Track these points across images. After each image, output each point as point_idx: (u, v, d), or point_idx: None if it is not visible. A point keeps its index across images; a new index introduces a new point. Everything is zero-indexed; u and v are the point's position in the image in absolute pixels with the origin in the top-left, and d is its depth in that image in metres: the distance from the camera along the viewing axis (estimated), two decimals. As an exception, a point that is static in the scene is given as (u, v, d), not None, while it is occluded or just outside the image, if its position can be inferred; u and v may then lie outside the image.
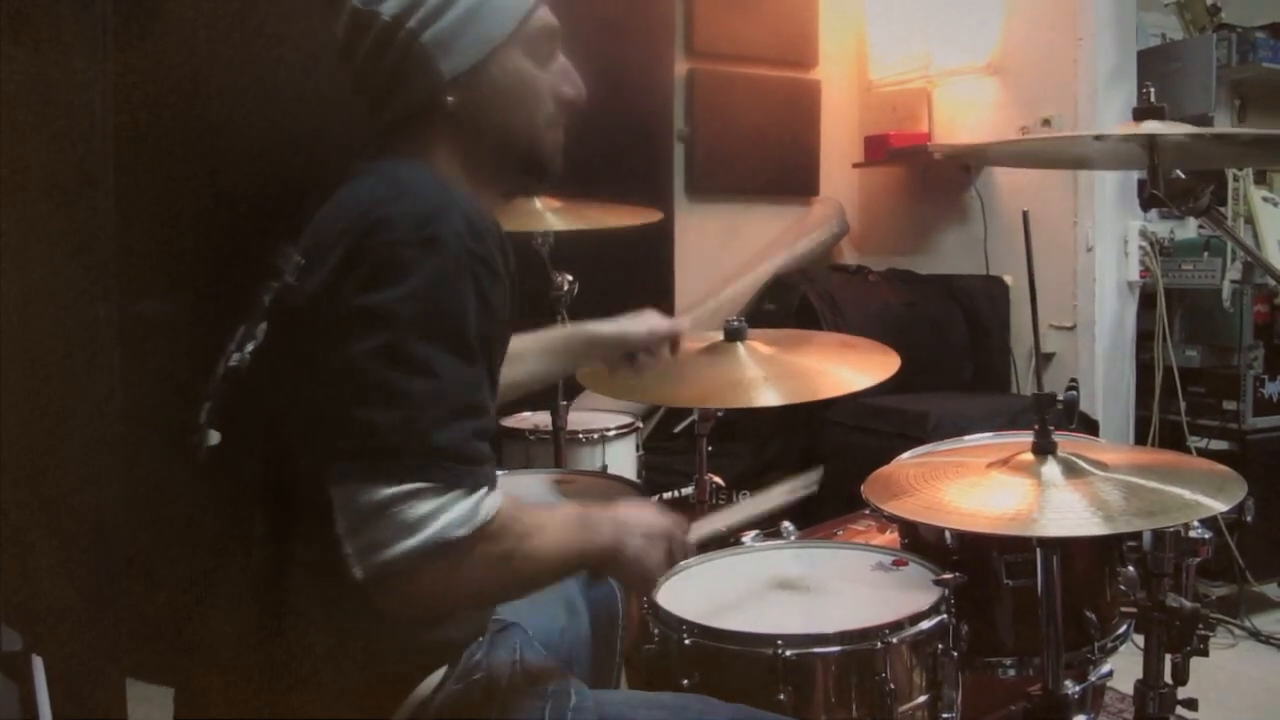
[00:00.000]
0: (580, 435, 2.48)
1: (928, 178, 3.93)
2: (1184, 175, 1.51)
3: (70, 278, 1.93)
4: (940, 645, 1.40)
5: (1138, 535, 1.55)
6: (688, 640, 1.36)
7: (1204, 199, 1.49)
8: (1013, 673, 1.55)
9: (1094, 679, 1.55)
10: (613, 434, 2.53)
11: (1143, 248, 3.33)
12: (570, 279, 2.14)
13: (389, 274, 1.04)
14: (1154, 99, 1.54)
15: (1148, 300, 3.34)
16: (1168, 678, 1.56)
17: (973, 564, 1.52)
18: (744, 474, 3.24)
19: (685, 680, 1.35)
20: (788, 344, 1.87)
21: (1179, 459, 1.60)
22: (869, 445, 2.93)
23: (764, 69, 3.98)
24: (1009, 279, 3.59)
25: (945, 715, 1.40)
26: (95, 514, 1.93)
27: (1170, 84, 3.49)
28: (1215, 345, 3.30)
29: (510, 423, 2.57)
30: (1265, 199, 3.29)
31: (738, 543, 1.72)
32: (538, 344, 1.62)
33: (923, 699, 1.39)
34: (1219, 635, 2.97)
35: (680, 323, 1.70)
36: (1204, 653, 1.53)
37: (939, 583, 1.46)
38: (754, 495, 1.51)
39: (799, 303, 3.53)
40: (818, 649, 1.33)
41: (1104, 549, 1.59)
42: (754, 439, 3.37)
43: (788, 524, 1.77)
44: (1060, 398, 1.43)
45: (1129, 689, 1.60)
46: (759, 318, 3.59)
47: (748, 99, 3.94)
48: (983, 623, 1.54)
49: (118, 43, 2.06)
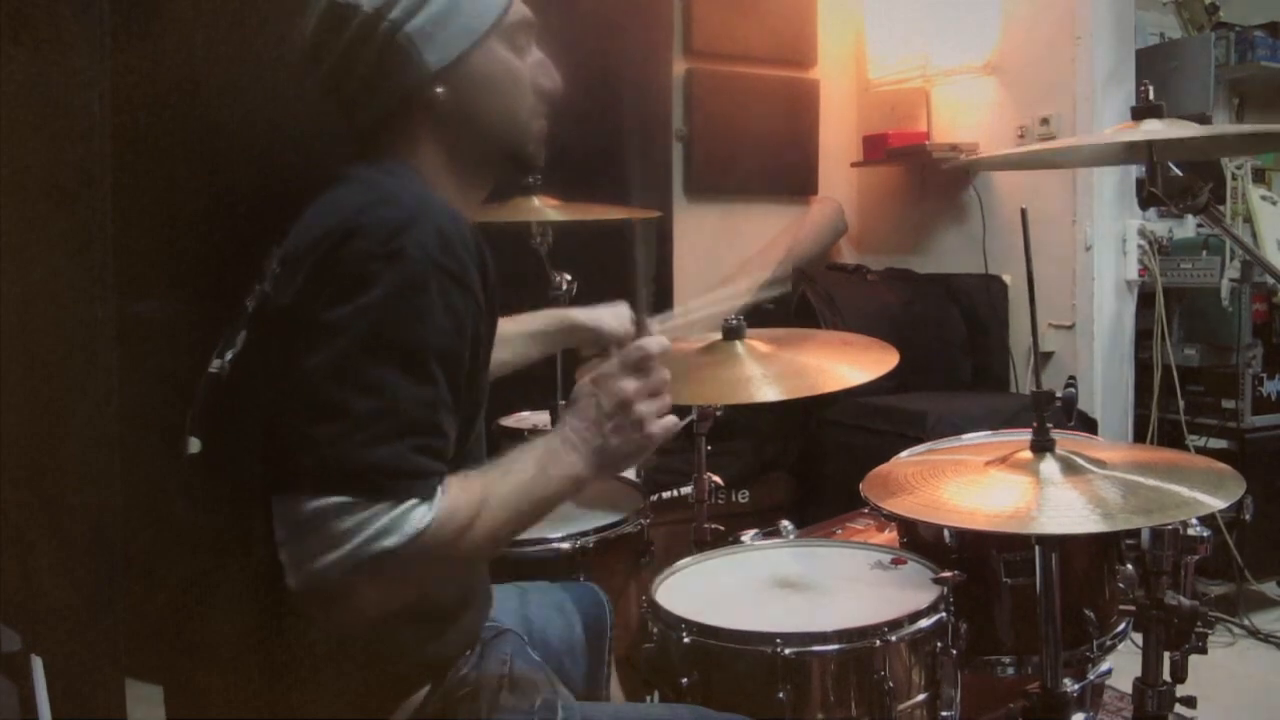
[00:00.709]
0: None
1: (926, 177, 3.93)
2: (1182, 173, 1.51)
3: (69, 278, 1.93)
4: (939, 643, 1.41)
5: (1136, 533, 1.55)
6: (687, 639, 1.37)
7: (1202, 197, 1.49)
8: (1011, 671, 1.56)
9: (1093, 677, 1.55)
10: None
11: (1141, 246, 3.33)
12: (569, 278, 2.14)
13: (351, 287, 1.03)
14: (1152, 97, 1.55)
15: (1146, 299, 3.34)
16: (1166, 676, 1.56)
17: (972, 562, 1.53)
18: (743, 473, 3.24)
19: (684, 679, 1.36)
20: (787, 342, 1.87)
21: (1177, 457, 1.60)
22: (868, 444, 2.93)
23: (763, 68, 3.98)
24: (1008, 278, 3.59)
25: (944, 713, 1.40)
26: (95, 514, 1.93)
27: (1169, 83, 3.49)
28: (1214, 344, 3.30)
29: (509, 422, 2.57)
30: (1264, 198, 3.29)
31: (737, 542, 1.72)
32: (520, 327, 1.64)
33: (921, 697, 1.39)
34: (1218, 633, 2.97)
35: (653, 324, 1.70)
36: (1203, 651, 1.53)
37: (938, 581, 1.46)
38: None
39: (797, 302, 3.54)
40: (817, 647, 1.34)
41: (1103, 547, 1.59)
42: (753, 438, 3.37)
43: (787, 523, 1.77)
44: (1059, 396, 1.44)
45: (1128, 687, 1.60)
46: (757, 317, 3.59)
47: (746, 98, 3.94)
48: (982, 621, 1.54)
49: (118, 43, 2.06)
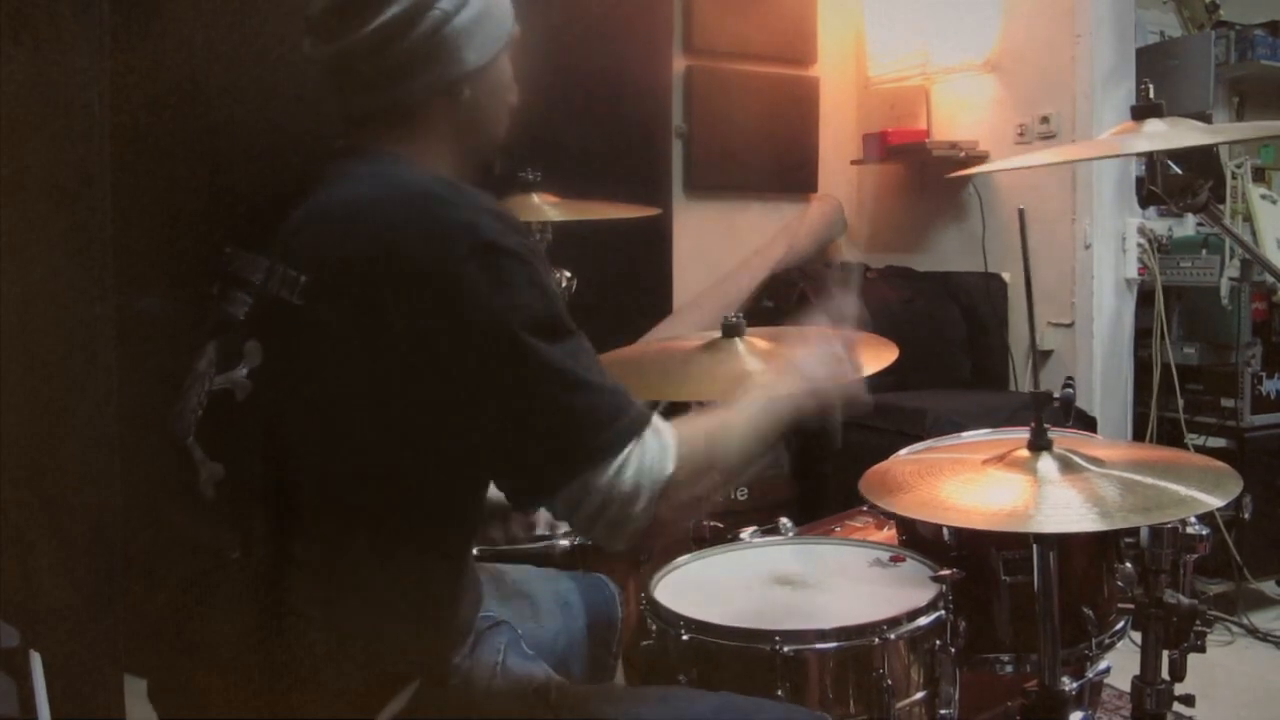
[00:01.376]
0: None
1: (926, 175, 3.93)
2: (1181, 171, 1.51)
3: (69, 277, 1.93)
4: (938, 641, 1.41)
5: (1135, 532, 1.55)
6: (685, 636, 1.37)
7: (1202, 196, 1.49)
8: (1010, 669, 1.55)
9: (1091, 675, 1.56)
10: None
11: (1141, 245, 3.33)
12: (569, 275, 2.14)
13: (486, 286, 1.02)
14: (1153, 96, 1.54)
15: (1146, 298, 3.34)
16: (1165, 674, 1.56)
17: (971, 560, 1.53)
18: (742, 471, 3.24)
19: (683, 676, 1.36)
20: (787, 339, 1.87)
21: (1176, 455, 1.60)
22: (867, 442, 2.91)
23: (762, 66, 3.98)
24: (1007, 276, 3.59)
25: (943, 711, 1.40)
26: (95, 514, 1.93)
27: (1169, 81, 3.49)
28: (1213, 343, 3.30)
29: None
30: (1263, 196, 3.29)
31: (735, 539, 1.72)
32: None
33: (920, 695, 1.39)
34: (1216, 632, 2.97)
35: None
36: (1201, 649, 1.53)
37: (937, 579, 1.46)
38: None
39: (797, 300, 3.53)
40: (815, 645, 1.34)
41: (1102, 546, 1.59)
42: (752, 436, 3.37)
43: (786, 520, 1.77)
44: (1056, 395, 1.44)
45: (1126, 685, 1.60)
46: (758, 315, 3.59)
47: (746, 96, 3.94)
48: (981, 619, 1.54)
49: (118, 43, 2.06)
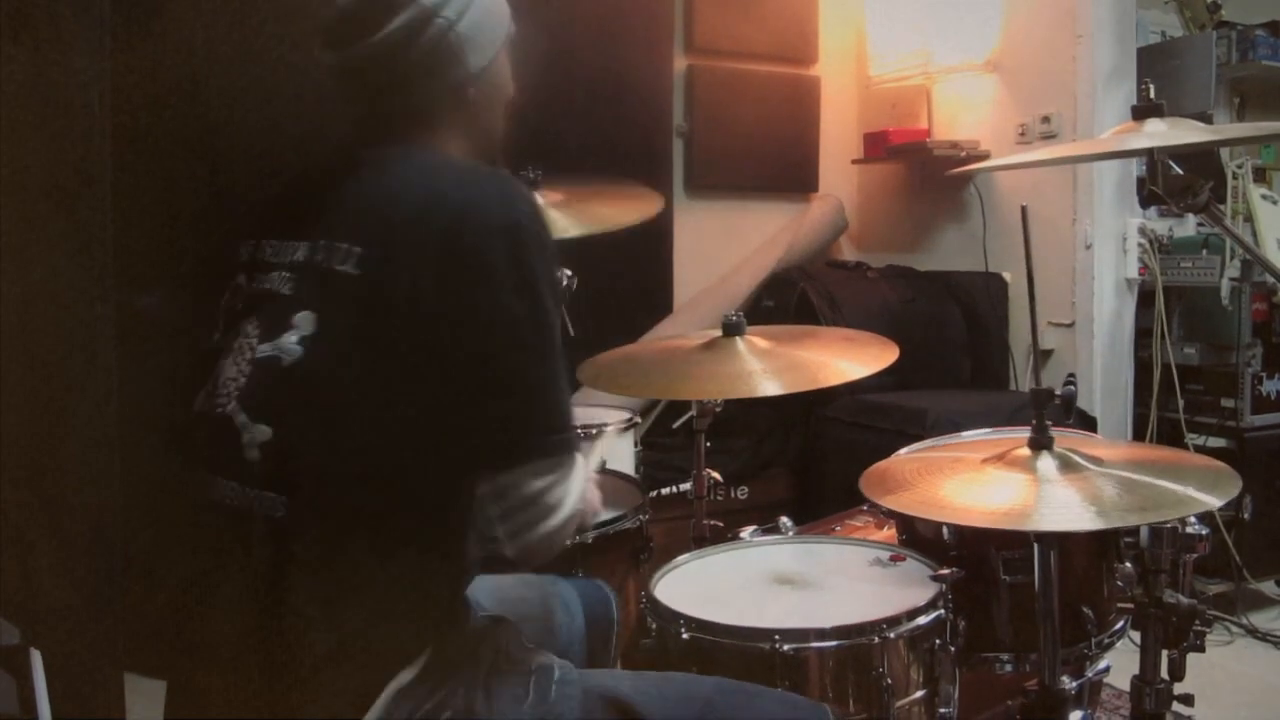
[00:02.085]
0: (579, 430, 2.48)
1: (927, 174, 3.93)
2: (1182, 171, 1.51)
3: (69, 278, 1.93)
4: (937, 640, 1.41)
5: (1135, 531, 1.55)
6: (685, 634, 1.37)
7: (1203, 196, 1.49)
8: (1010, 668, 1.56)
9: (1091, 675, 1.56)
10: (611, 429, 2.53)
11: (1141, 245, 3.33)
12: (569, 274, 2.14)
13: (495, 272, 1.09)
14: (1153, 96, 1.54)
15: (1146, 298, 3.34)
16: (1164, 674, 1.55)
17: (970, 560, 1.53)
18: (742, 470, 3.25)
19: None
20: (787, 339, 1.88)
21: (1175, 455, 1.60)
22: (867, 442, 2.93)
23: (764, 65, 3.98)
24: (1008, 276, 3.59)
25: (942, 710, 1.40)
26: (95, 514, 1.93)
27: (1170, 82, 3.49)
28: (1214, 343, 3.30)
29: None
30: (1264, 197, 3.29)
31: (736, 538, 1.72)
32: None
33: (920, 694, 1.39)
34: (1216, 632, 2.97)
35: None
36: (1201, 649, 1.53)
37: (936, 578, 1.46)
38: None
39: (798, 299, 3.54)
40: (815, 644, 1.34)
41: (1101, 545, 1.59)
42: (752, 435, 3.38)
43: (786, 520, 1.77)
44: (1058, 393, 1.44)
45: (1126, 685, 1.60)
46: (758, 314, 3.59)
47: (747, 95, 3.94)
48: (980, 618, 1.54)
49: (118, 43, 2.06)
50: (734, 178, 3.97)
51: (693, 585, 1.54)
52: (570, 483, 1.14)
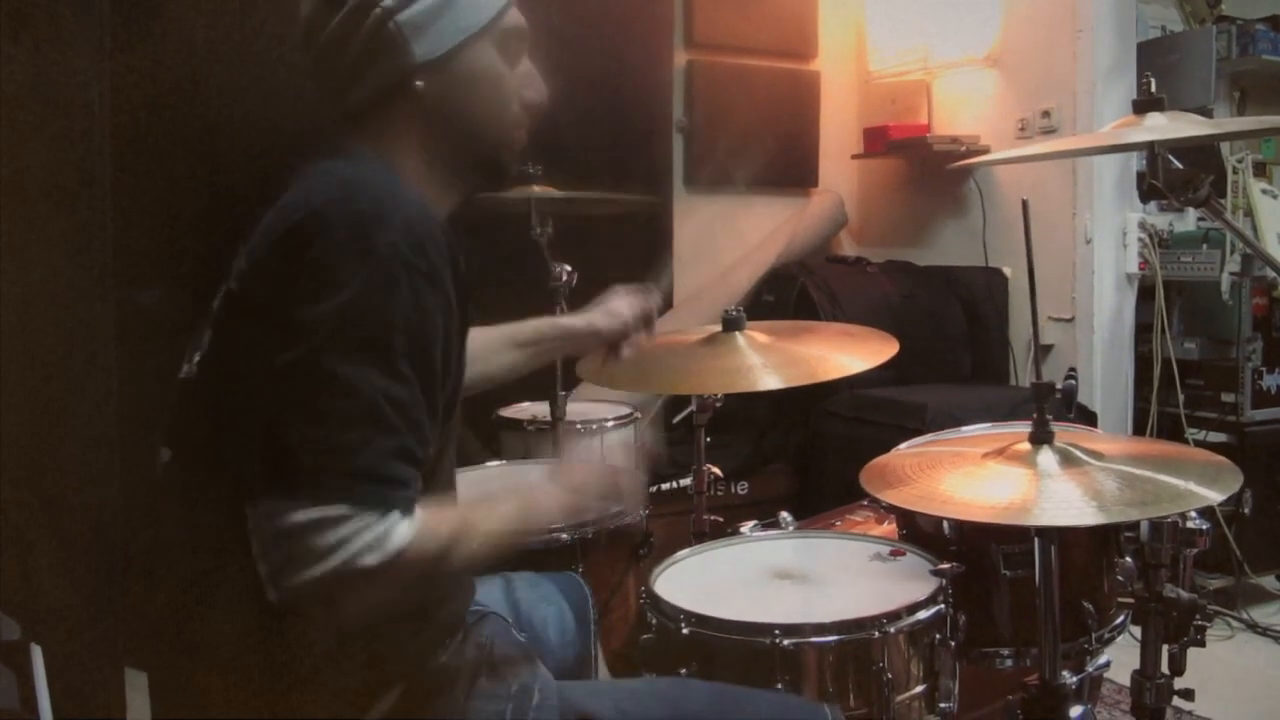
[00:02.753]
0: (579, 425, 2.49)
1: (927, 169, 3.92)
2: (1182, 166, 1.51)
3: (69, 277, 1.93)
4: (938, 635, 1.41)
5: (1136, 526, 1.55)
6: (685, 630, 1.37)
7: (1203, 190, 1.48)
8: (1010, 663, 1.56)
9: (1091, 670, 1.56)
10: (611, 424, 2.53)
11: (1141, 240, 3.33)
12: (569, 269, 2.14)
13: (322, 285, 1.01)
14: (1154, 90, 1.54)
15: (1146, 292, 3.34)
16: (1165, 668, 1.55)
17: (971, 554, 1.53)
18: (742, 465, 3.25)
19: (683, 669, 1.36)
20: (786, 333, 1.88)
21: (1175, 449, 1.60)
22: (867, 437, 2.93)
23: (763, 60, 3.98)
24: (1008, 271, 3.59)
25: (943, 705, 1.41)
26: (95, 514, 1.93)
27: (1170, 76, 3.48)
28: (1214, 338, 3.30)
29: (508, 413, 2.57)
30: (1264, 191, 3.29)
31: (736, 533, 1.73)
32: (509, 338, 1.61)
33: (920, 689, 1.40)
34: (1216, 626, 2.97)
35: (646, 299, 1.69)
36: (1201, 644, 1.53)
37: (937, 573, 1.46)
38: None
39: (797, 294, 3.54)
40: (815, 638, 1.34)
41: (1102, 540, 1.60)
42: (752, 430, 3.38)
43: (786, 515, 1.78)
44: (1059, 386, 1.43)
45: (1126, 680, 1.60)
46: (758, 309, 3.59)
47: (747, 91, 3.94)
48: (980, 613, 1.54)
49: (118, 43, 2.06)
50: (734, 173, 3.96)
51: (693, 581, 1.54)
52: (356, 534, 0.97)
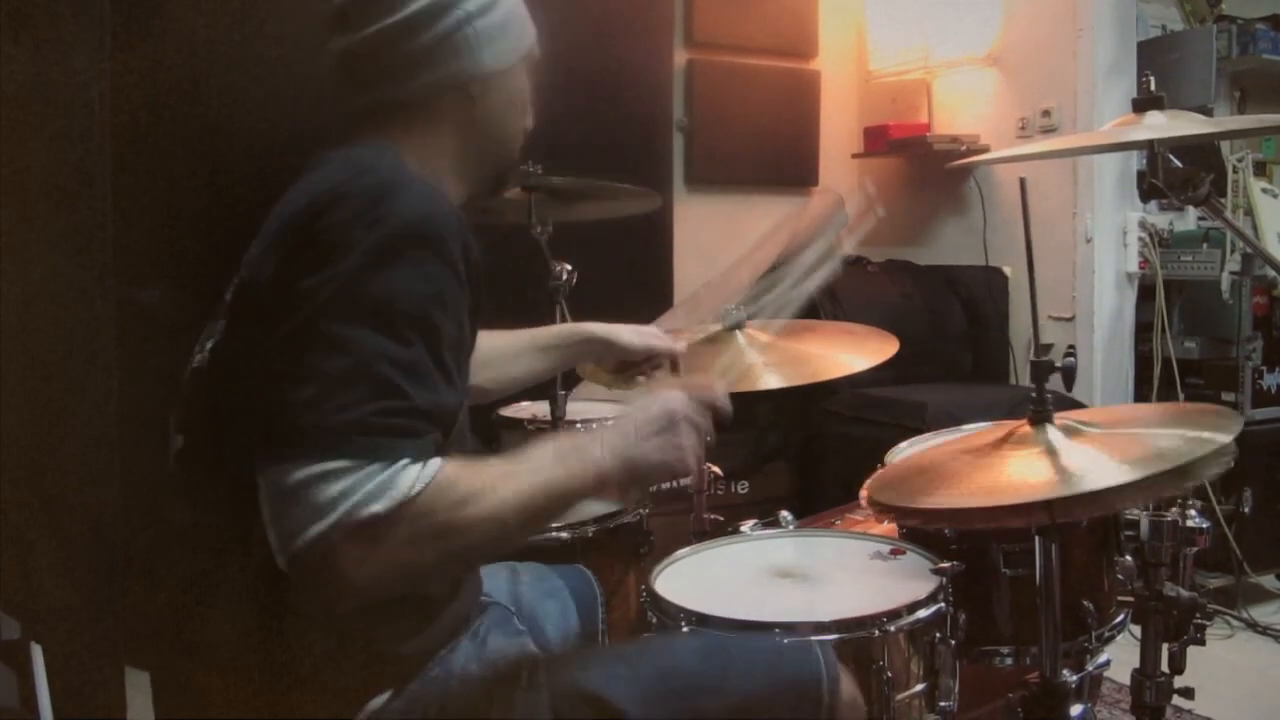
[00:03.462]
0: (579, 425, 2.48)
1: (927, 169, 3.92)
2: (1183, 165, 1.51)
3: (69, 277, 1.94)
4: (938, 634, 1.41)
5: (1135, 524, 1.55)
6: (686, 628, 1.37)
7: (1203, 189, 1.48)
8: (1010, 662, 1.55)
9: (1091, 668, 1.55)
10: (611, 424, 2.52)
11: (1142, 239, 3.33)
12: (569, 268, 2.14)
13: (328, 254, 1.01)
14: (1154, 89, 1.53)
15: (1147, 292, 3.34)
16: (1164, 667, 1.55)
17: (971, 553, 1.52)
18: (742, 464, 3.25)
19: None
20: (786, 333, 1.88)
21: (1167, 407, 1.59)
22: (867, 436, 2.93)
23: (764, 60, 3.98)
24: (1008, 270, 3.59)
25: (943, 704, 1.40)
26: (95, 514, 1.94)
27: (1170, 75, 3.48)
28: (1214, 337, 3.30)
29: (508, 412, 2.57)
30: (1264, 190, 3.29)
31: (736, 532, 1.73)
32: (533, 341, 1.62)
33: (920, 687, 1.39)
34: (1216, 625, 2.97)
35: (679, 345, 1.71)
36: (1201, 642, 1.53)
37: (937, 572, 1.46)
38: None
39: (798, 294, 3.53)
40: (815, 637, 1.33)
41: (1102, 538, 1.59)
42: (752, 429, 3.38)
43: (786, 513, 1.77)
44: (1058, 364, 1.43)
45: (1126, 678, 1.60)
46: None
47: (747, 90, 3.94)
48: (980, 612, 1.54)
49: (118, 43, 2.06)
50: (734, 172, 3.96)
51: (693, 579, 1.54)
52: (359, 484, 0.94)
